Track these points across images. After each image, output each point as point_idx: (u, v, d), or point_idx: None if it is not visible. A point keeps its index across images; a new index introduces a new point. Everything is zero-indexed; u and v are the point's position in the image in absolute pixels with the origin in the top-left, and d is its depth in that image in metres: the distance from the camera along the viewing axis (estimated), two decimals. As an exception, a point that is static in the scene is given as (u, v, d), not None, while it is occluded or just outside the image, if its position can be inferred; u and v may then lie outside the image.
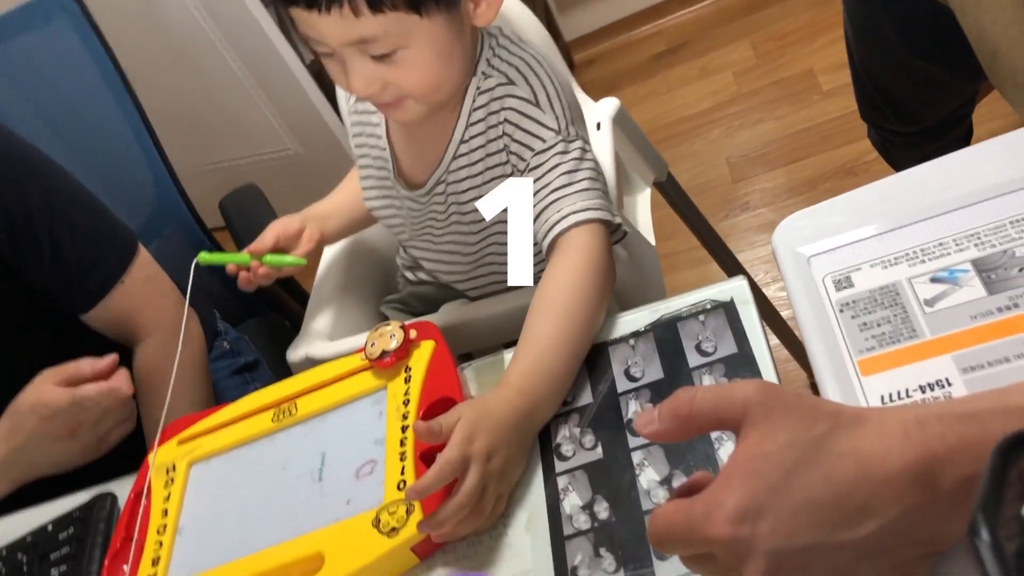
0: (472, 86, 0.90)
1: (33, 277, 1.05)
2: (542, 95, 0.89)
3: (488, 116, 0.90)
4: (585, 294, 0.79)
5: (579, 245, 0.82)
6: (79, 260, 1.05)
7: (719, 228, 1.94)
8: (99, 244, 1.07)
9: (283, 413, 0.88)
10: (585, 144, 0.88)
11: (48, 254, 1.03)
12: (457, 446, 0.69)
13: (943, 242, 0.64)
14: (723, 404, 0.46)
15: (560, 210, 0.84)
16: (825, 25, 2.31)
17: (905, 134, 1.27)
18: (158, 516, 0.84)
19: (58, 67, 1.35)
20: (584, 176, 0.86)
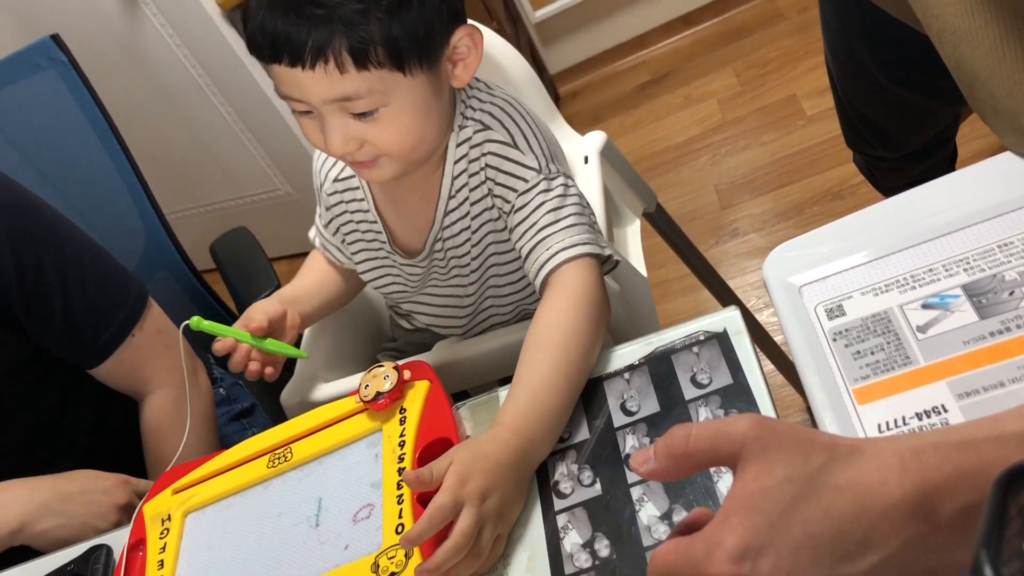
0: (451, 142, 0.90)
1: (42, 332, 1.05)
2: (519, 136, 0.89)
3: (469, 165, 0.90)
4: (579, 330, 0.79)
5: (571, 281, 0.82)
6: (91, 315, 1.05)
7: (709, 255, 1.95)
8: (111, 299, 1.07)
9: (278, 459, 0.87)
10: (567, 179, 0.89)
11: (59, 309, 1.03)
12: (449, 490, 0.68)
13: (933, 268, 0.65)
14: (719, 441, 0.46)
15: (549, 248, 0.84)
16: (806, 51, 2.33)
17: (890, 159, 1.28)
18: (154, 568, 0.83)
19: (46, 115, 1.35)
20: (570, 212, 0.86)
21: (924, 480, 0.41)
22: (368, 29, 0.75)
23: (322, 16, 0.74)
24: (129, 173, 1.33)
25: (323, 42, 0.75)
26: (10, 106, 1.35)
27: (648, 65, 2.66)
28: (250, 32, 0.78)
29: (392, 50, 0.77)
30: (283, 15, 0.75)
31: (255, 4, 0.77)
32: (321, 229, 1.06)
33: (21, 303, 1.02)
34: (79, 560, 0.90)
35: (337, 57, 0.76)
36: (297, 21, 0.75)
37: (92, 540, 0.94)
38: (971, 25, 0.68)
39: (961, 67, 0.70)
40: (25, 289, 1.01)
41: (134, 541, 0.87)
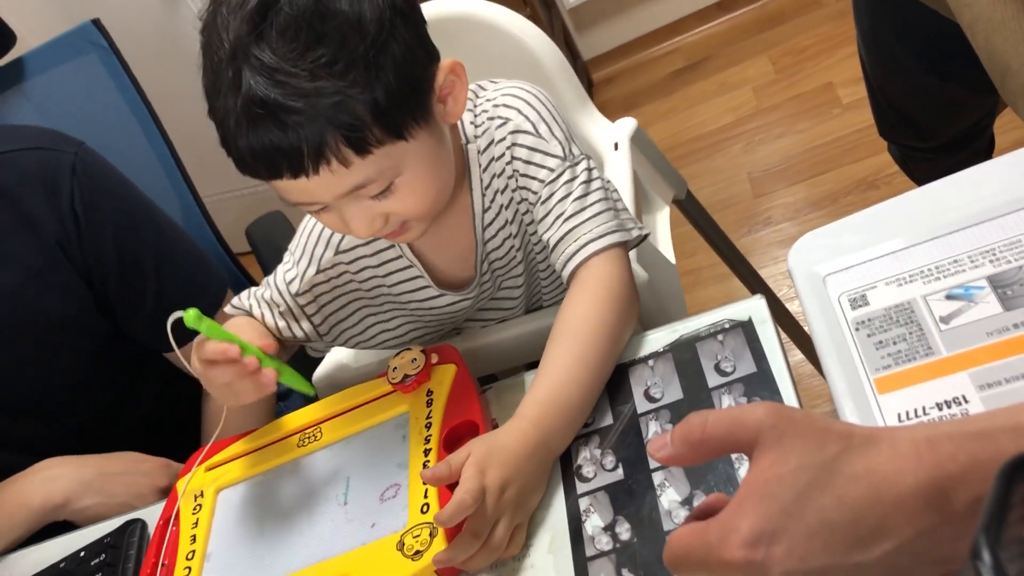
0: (471, 154, 0.88)
1: (131, 316, 1.08)
2: (540, 123, 0.87)
3: (493, 164, 0.88)
4: (606, 324, 0.79)
5: (599, 274, 0.81)
6: (180, 300, 1.06)
7: (741, 244, 1.94)
8: (199, 286, 1.11)
9: (308, 438, 0.89)
10: (589, 161, 0.87)
11: (152, 295, 1.07)
12: (472, 478, 0.69)
13: (958, 259, 0.64)
14: (735, 428, 0.47)
15: (577, 239, 0.83)
16: (844, 38, 2.31)
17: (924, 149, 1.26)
18: (187, 542, 0.86)
19: (86, 99, 1.38)
20: (595, 199, 0.85)
21: (939, 470, 0.41)
22: (355, 113, 0.71)
23: (304, 118, 0.69)
24: (167, 157, 1.35)
25: (318, 144, 0.70)
26: (51, 89, 1.38)
27: (683, 51, 2.65)
28: (237, 156, 0.74)
29: (386, 123, 0.73)
30: (265, 130, 0.70)
31: (232, 125, 0.72)
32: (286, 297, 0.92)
33: (117, 288, 1.06)
34: (115, 533, 0.93)
35: (337, 154, 0.71)
36: (283, 131, 0.70)
37: (127, 515, 0.97)
38: (1003, 14, 0.68)
39: (992, 57, 0.70)
40: (123, 274, 1.05)
41: (168, 516, 0.89)
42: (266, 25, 0.70)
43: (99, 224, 1.04)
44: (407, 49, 0.74)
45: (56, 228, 1.03)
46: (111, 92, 1.35)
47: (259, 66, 0.69)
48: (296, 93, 0.69)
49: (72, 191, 1.03)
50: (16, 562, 1.00)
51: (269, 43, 0.69)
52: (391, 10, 0.73)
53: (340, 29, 0.70)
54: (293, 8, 0.70)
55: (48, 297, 1.04)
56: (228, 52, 0.70)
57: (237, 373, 0.79)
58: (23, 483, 1.02)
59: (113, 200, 1.06)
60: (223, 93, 0.71)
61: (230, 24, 0.71)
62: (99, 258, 1.05)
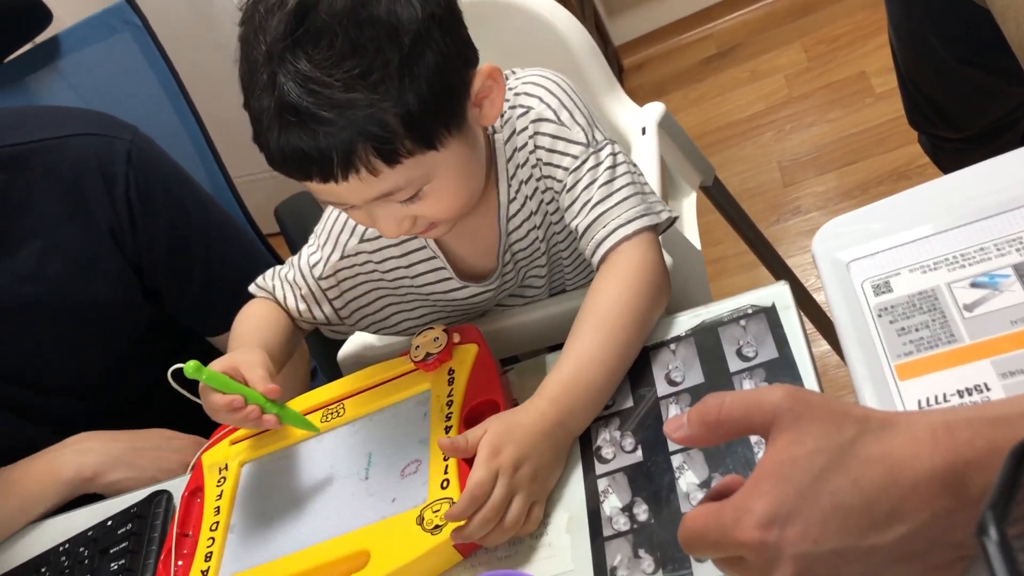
0: (497, 144, 0.87)
1: (177, 300, 1.10)
2: (562, 110, 0.86)
3: (517, 153, 0.87)
4: (633, 308, 0.79)
5: (629, 258, 0.81)
6: (226, 287, 1.08)
7: (770, 232, 1.93)
8: (246, 272, 1.11)
9: (331, 414, 0.90)
10: (613, 145, 0.87)
11: (199, 280, 1.08)
12: (483, 464, 0.70)
13: (984, 247, 0.64)
14: (752, 410, 0.47)
15: (605, 225, 0.83)
16: (877, 27, 2.28)
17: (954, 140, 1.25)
18: (211, 514, 0.87)
19: (120, 77, 1.39)
20: (622, 183, 0.84)
21: (956, 454, 0.41)
22: (386, 124, 0.71)
23: (335, 128, 0.70)
24: (198, 136, 1.37)
25: (347, 153, 0.71)
26: (86, 68, 1.40)
27: (714, 38, 2.63)
28: (269, 155, 0.74)
29: (418, 134, 0.73)
30: (297, 136, 0.71)
31: (265, 125, 0.72)
32: (309, 280, 0.94)
33: (167, 275, 1.07)
34: (142, 504, 0.95)
35: (367, 164, 0.72)
36: (314, 138, 0.70)
37: (154, 486, 0.98)
38: (1036, 2, 0.67)
39: (1024, 44, 0.69)
40: (174, 262, 1.07)
41: (193, 488, 0.91)
42: (303, 31, 0.69)
43: (153, 214, 1.05)
44: (443, 58, 0.73)
45: (110, 216, 1.03)
46: (144, 71, 1.37)
47: (294, 72, 0.69)
48: (329, 103, 0.69)
49: (128, 180, 1.03)
50: (45, 530, 1.02)
51: (305, 50, 0.69)
52: (429, 19, 0.72)
53: (376, 39, 0.70)
54: (331, 14, 0.69)
55: (96, 285, 1.05)
56: (265, 53, 0.71)
57: (240, 421, 0.82)
58: (55, 455, 1.04)
59: (166, 189, 1.07)
60: (258, 93, 0.72)
61: (268, 25, 0.71)
62: (151, 246, 1.06)
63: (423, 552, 0.72)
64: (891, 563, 0.43)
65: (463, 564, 0.74)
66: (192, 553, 0.85)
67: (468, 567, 0.74)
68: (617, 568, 0.68)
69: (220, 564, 0.83)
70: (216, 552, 0.83)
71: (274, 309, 0.96)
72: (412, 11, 0.71)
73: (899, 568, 0.44)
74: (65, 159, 1.03)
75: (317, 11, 0.70)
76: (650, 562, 0.67)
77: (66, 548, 0.95)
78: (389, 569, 0.73)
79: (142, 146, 1.07)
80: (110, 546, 0.91)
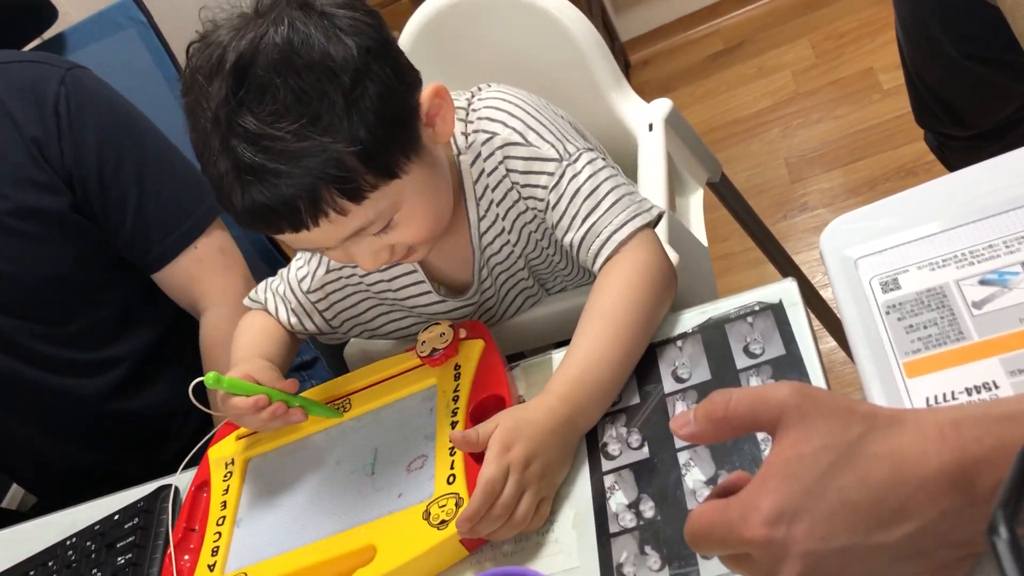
0: (463, 166, 0.87)
1: (114, 228, 1.10)
2: (527, 130, 0.86)
3: (489, 178, 0.88)
4: (639, 305, 0.79)
5: (632, 259, 0.81)
6: (161, 216, 1.10)
7: (776, 229, 1.92)
8: (181, 205, 1.12)
9: (338, 409, 0.90)
10: (588, 152, 0.86)
11: (133, 206, 1.08)
12: (494, 460, 0.70)
13: (993, 244, 0.64)
14: (758, 407, 0.47)
15: (599, 234, 0.83)
16: (884, 23, 2.27)
17: (961, 138, 1.24)
18: (217, 508, 0.87)
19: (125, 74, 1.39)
20: (606, 189, 0.84)
21: (963, 452, 0.41)
22: (344, 164, 0.71)
23: (295, 178, 0.70)
24: (202, 131, 1.37)
25: (313, 200, 0.72)
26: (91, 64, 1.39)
27: (721, 34, 2.62)
28: (236, 217, 0.75)
29: (377, 167, 0.74)
30: (259, 189, 0.71)
31: (226, 189, 0.73)
32: (298, 294, 0.96)
33: (99, 195, 1.07)
34: (148, 498, 0.95)
35: (334, 206, 0.73)
36: (277, 191, 0.71)
37: (160, 481, 0.99)
38: (1046, -3, 0.66)
39: (1034, 41, 0.69)
40: (104, 181, 1.07)
41: (199, 483, 0.91)
42: (244, 91, 0.70)
43: (81, 128, 1.06)
44: (386, 89, 0.74)
45: (35, 129, 1.05)
46: (149, 67, 1.37)
47: (243, 133, 0.70)
48: (284, 156, 0.70)
49: (57, 96, 1.06)
50: (53, 524, 1.03)
51: (250, 108, 0.70)
52: (364, 53, 0.73)
53: (317, 83, 0.71)
54: (268, 67, 0.70)
55: (23, 192, 1.05)
56: (212, 119, 0.72)
57: (267, 419, 0.83)
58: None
59: (99, 110, 1.08)
60: (213, 160, 0.73)
61: (210, 91, 0.71)
62: (79, 161, 1.06)
63: (429, 547, 0.72)
64: (898, 561, 0.43)
65: (469, 559, 0.74)
66: (199, 548, 0.85)
67: (474, 563, 0.74)
68: (623, 565, 0.68)
69: (227, 558, 0.83)
70: (223, 546, 0.84)
71: (269, 320, 0.98)
72: (346, 49, 0.72)
73: (906, 566, 0.43)
74: (1, 82, 1.06)
75: (254, 68, 0.71)
76: (656, 559, 0.67)
77: (73, 542, 0.96)
78: (395, 564, 0.73)
79: (80, 74, 1.09)
80: (117, 540, 0.91)
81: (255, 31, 0.72)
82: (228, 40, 0.72)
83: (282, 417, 0.84)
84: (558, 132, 0.87)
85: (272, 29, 0.71)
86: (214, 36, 0.73)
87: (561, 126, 0.88)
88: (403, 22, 1.20)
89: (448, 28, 1.17)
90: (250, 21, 0.73)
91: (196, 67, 0.73)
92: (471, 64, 1.18)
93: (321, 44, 0.71)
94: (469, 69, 1.18)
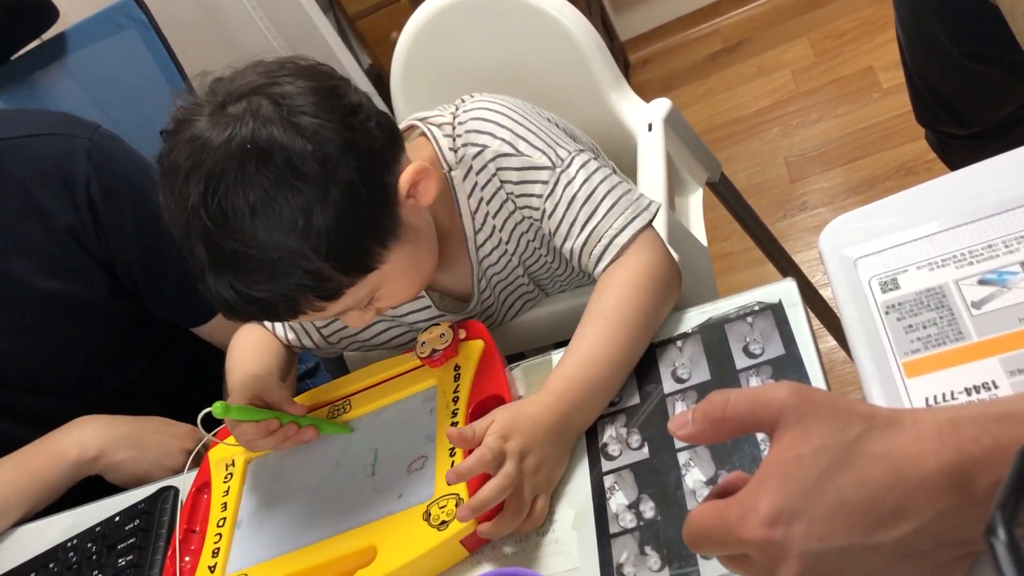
0: (455, 181, 0.87)
1: (154, 297, 1.10)
2: (516, 139, 0.85)
3: (483, 192, 0.87)
4: (640, 305, 0.79)
5: (635, 260, 0.81)
6: None
7: (776, 228, 1.92)
8: None
9: (338, 410, 0.90)
10: (580, 154, 0.85)
11: (174, 277, 1.08)
12: (494, 439, 0.71)
13: (992, 244, 0.64)
14: (757, 407, 0.47)
15: (600, 240, 0.82)
16: (884, 22, 2.28)
17: (962, 137, 1.24)
18: (217, 510, 0.88)
19: (126, 74, 1.40)
20: (602, 193, 0.83)
21: (961, 452, 0.41)
22: (321, 275, 0.73)
23: (275, 295, 0.73)
24: (203, 132, 1.37)
25: (291, 305, 0.74)
26: (92, 64, 1.40)
27: (721, 33, 2.62)
28: (222, 309, 0.77)
29: (353, 268, 0.75)
30: (243, 309, 0.74)
31: (212, 288, 0.74)
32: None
33: (140, 271, 1.07)
34: (149, 500, 0.95)
35: (312, 306, 0.75)
36: (258, 308, 0.74)
37: (161, 482, 0.99)
38: (1045, -3, 0.66)
39: (1033, 40, 0.69)
40: (144, 258, 1.06)
41: (200, 484, 0.91)
42: (216, 202, 0.70)
43: (117, 208, 1.03)
44: (357, 191, 0.72)
45: (70, 217, 1.01)
46: (150, 67, 1.37)
47: (217, 243, 0.71)
48: (264, 281, 0.72)
49: (88, 177, 1.01)
50: (53, 526, 1.03)
51: (223, 219, 0.70)
52: (333, 159, 0.71)
53: (289, 193, 0.70)
54: (237, 196, 0.69)
55: (61, 281, 1.03)
56: (184, 221, 0.72)
57: (280, 440, 0.85)
58: (58, 437, 1.04)
59: (131, 186, 1.05)
60: (190, 248, 0.74)
61: (181, 194, 0.71)
62: (120, 246, 1.04)
63: (429, 548, 0.72)
64: (896, 561, 0.43)
65: (469, 560, 0.74)
66: (199, 549, 0.85)
67: (475, 563, 0.74)
68: (623, 565, 0.68)
69: (227, 559, 0.83)
70: (223, 547, 0.84)
71: (266, 333, 0.98)
72: (317, 155, 0.70)
73: (904, 566, 0.43)
74: (19, 161, 1.01)
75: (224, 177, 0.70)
76: (656, 559, 0.67)
77: (74, 544, 0.96)
78: (396, 564, 0.73)
79: (103, 143, 1.04)
80: (118, 542, 0.92)
81: (225, 134, 0.70)
82: (202, 138, 0.71)
83: (294, 438, 0.86)
84: (548, 138, 0.86)
85: (239, 132, 0.70)
86: (188, 128, 0.73)
87: (549, 130, 0.87)
88: (402, 22, 1.20)
89: (447, 28, 1.17)
90: (218, 115, 0.72)
91: (170, 163, 0.73)
92: (470, 64, 1.18)
93: (285, 155, 0.70)
94: (468, 69, 1.18)
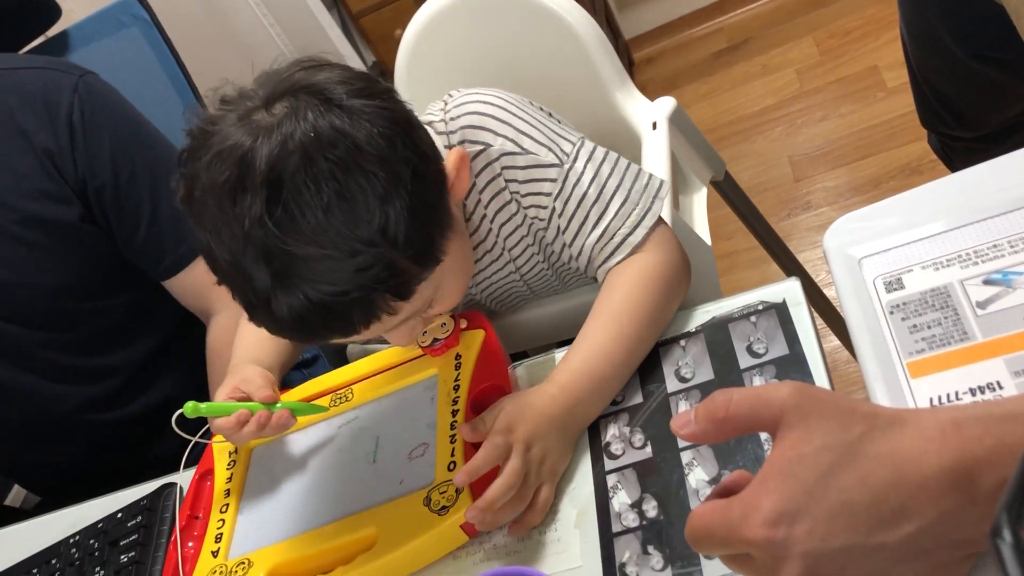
0: None
1: (127, 238, 1.10)
2: (522, 138, 0.83)
3: (482, 192, 0.85)
4: (647, 304, 0.78)
5: (644, 258, 0.81)
6: (173, 226, 1.10)
7: (780, 227, 1.92)
8: None
9: (340, 398, 0.91)
10: (583, 144, 0.84)
11: (147, 216, 1.08)
12: (499, 433, 0.71)
13: (997, 244, 0.63)
14: (759, 407, 0.47)
15: (612, 237, 0.82)
16: (889, 21, 2.27)
17: (966, 139, 1.23)
18: (221, 496, 0.88)
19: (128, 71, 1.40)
20: (612, 186, 0.82)
21: (964, 452, 0.41)
22: (397, 267, 0.68)
23: (354, 301, 0.67)
24: (206, 129, 1.37)
25: (368, 308, 0.69)
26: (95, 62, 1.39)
27: (725, 32, 2.62)
28: (275, 328, 0.70)
29: (427, 260, 0.72)
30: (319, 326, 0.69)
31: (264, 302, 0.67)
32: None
33: (113, 206, 1.07)
34: (151, 496, 0.95)
35: (387, 309, 0.70)
36: (336, 320, 0.68)
37: (162, 479, 0.99)
38: (1051, -3, 0.66)
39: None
40: (119, 192, 1.07)
41: (203, 471, 0.92)
42: (281, 209, 0.64)
43: (96, 138, 1.05)
44: (419, 175, 0.69)
45: (47, 140, 1.03)
46: (152, 65, 1.37)
47: (286, 256, 0.65)
48: (341, 282, 0.66)
49: (71, 106, 1.04)
50: (56, 522, 1.03)
51: (290, 227, 0.64)
52: (391, 144, 0.67)
53: (355, 186, 0.65)
54: (301, 177, 0.64)
55: (36, 203, 1.04)
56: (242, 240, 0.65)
57: (255, 430, 0.83)
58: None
59: (113, 119, 1.07)
60: (248, 277, 0.67)
61: (236, 212, 0.65)
62: (94, 170, 1.05)
63: (430, 533, 0.72)
64: (899, 561, 0.43)
65: (470, 560, 0.74)
66: (203, 534, 0.86)
67: (475, 563, 0.74)
68: (626, 564, 0.67)
69: (230, 545, 0.84)
70: (226, 533, 0.84)
71: (261, 332, 0.95)
72: (375, 145, 0.66)
73: (907, 566, 0.43)
74: (9, 87, 1.05)
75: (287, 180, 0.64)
76: (659, 559, 0.67)
77: (76, 540, 0.96)
78: (396, 550, 0.73)
79: (93, 82, 1.08)
80: (120, 538, 0.92)
81: (278, 133, 0.65)
82: (247, 144, 0.65)
83: (271, 425, 0.83)
84: (549, 132, 0.84)
85: (295, 129, 0.65)
86: (221, 140, 0.66)
87: (549, 124, 0.85)
88: (407, 20, 1.20)
89: (451, 26, 1.16)
90: (260, 118, 0.66)
91: (212, 180, 0.66)
92: (474, 62, 1.18)
93: (351, 141, 0.65)
94: (472, 67, 1.18)
